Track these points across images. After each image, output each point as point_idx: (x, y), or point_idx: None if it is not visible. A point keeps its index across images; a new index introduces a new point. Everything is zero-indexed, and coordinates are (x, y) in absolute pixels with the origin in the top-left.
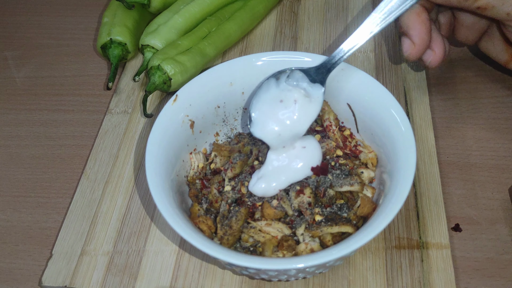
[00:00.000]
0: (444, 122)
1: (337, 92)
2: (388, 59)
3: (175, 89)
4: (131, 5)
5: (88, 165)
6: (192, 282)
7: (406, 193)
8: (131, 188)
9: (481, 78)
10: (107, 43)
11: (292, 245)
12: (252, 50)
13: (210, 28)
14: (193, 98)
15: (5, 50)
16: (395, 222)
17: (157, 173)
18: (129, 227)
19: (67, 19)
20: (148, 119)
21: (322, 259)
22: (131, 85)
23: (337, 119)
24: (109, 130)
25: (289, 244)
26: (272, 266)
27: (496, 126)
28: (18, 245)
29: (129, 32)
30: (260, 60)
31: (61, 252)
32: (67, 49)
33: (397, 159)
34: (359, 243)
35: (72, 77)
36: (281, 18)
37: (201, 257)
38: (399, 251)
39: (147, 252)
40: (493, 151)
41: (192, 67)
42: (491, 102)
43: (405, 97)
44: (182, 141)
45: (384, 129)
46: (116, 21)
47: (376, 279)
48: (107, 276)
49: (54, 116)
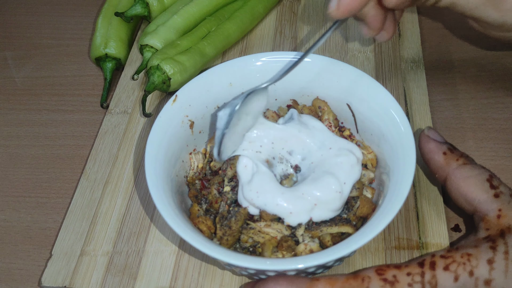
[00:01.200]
0: (444, 122)
1: (337, 92)
2: (388, 59)
3: (174, 89)
4: (129, 18)
5: (88, 165)
6: (191, 282)
7: (406, 193)
8: (131, 189)
9: (481, 78)
10: (102, 56)
11: (292, 245)
12: (252, 50)
13: (209, 28)
14: (193, 99)
15: (5, 50)
16: (394, 223)
17: (156, 173)
18: (128, 228)
19: (67, 19)
20: (148, 120)
21: (322, 260)
22: (131, 85)
23: (336, 119)
24: (108, 130)
25: (288, 245)
26: (271, 266)
27: (496, 126)
28: (17, 245)
29: (124, 46)
30: (260, 61)
31: (60, 253)
32: (67, 49)
33: (397, 160)
34: (358, 244)
35: (72, 77)
36: (281, 18)
37: (200, 257)
38: (398, 251)
39: (147, 253)
40: (493, 151)
41: (192, 67)
42: (491, 102)
43: (405, 97)
44: (182, 142)
45: (384, 129)
46: (111, 33)
47: None
48: (107, 277)
49: (54, 116)
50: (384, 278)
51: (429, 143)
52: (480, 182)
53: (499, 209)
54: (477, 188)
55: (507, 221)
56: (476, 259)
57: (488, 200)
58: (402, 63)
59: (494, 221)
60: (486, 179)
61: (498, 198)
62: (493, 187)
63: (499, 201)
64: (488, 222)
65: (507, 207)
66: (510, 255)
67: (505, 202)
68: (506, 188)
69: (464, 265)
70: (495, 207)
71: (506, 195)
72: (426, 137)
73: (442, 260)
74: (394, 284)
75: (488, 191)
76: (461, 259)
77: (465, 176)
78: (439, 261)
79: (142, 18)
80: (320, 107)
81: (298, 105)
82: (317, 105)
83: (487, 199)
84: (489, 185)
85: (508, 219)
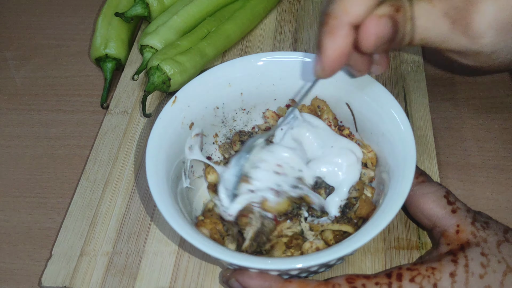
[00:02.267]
0: (444, 122)
1: (336, 91)
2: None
3: (174, 89)
4: (129, 19)
5: (88, 165)
6: (191, 282)
7: (406, 193)
8: (131, 189)
9: (481, 78)
10: (102, 56)
11: (300, 243)
12: (252, 50)
13: (209, 29)
14: (192, 99)
15: (5, 50)
16: (394, 223)
17: (157, 173)
18: (128, 228)
19: (67, 19)
20: (147, 120)
21: (322, 259)
22: (131, 86)
23: (335, 118)
24: (109, 131)
25: (297, 243)
26: (272, 266)
27: (496, 126)
28: (17, 245)
29: (124, 47)
30: (260, 61)
31: (60, 253)
32: (67, 49)
33: (397, 159)
34: (359, 243)
35: (72, 77)
36: (281, 18)
37: (200, 257)
38: (398, 251)
39: (147, 253)
40: (493, 151)
41: (192, 67)
42: (491, 102)
43: (405, 97)
44: (182, 142)
45: (384, 128)
46: (111, 34)
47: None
48: (107, 277)
49: (54, 116)
50: (354, 286)
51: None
52: (438, 199)
53: (457, 225)
54: (435, 204)
55: (466, 235)
56: (439, 272)
57: (446, 215)
58: (402, 63)
59: (453, 236)
60: (443, 195)
61: (455, 213)
62: (450, 203)
63: (457, 217)
64: (448, 237)
65: (464, 222)
66: (470, 267)
67: (462, 218)
68: (461, 204)
69: (428, 278)
70: (453, 223)
71: (463, 210)
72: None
73: (408, 272)
74: None
75: (445, 207)
76: (426, 272)
77: (423, 192)
78: (405, 273)
79: (142, 19)
80: (319, 106)
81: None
82: (316, 104)
83: (445, 215)
84: (446, 201)
85: (466, 234)
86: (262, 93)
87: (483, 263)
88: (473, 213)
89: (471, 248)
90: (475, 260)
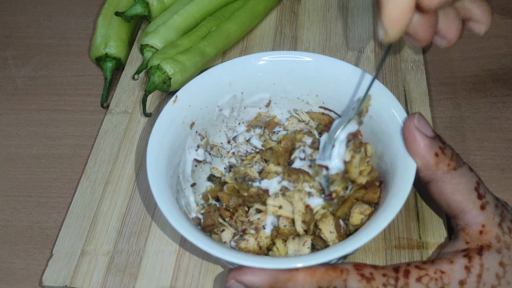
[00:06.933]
0: (444, 122)
1: (336, 91)
2: (388, 59)
3: (175, 88)
4: (129, 18)
5: (88, 165)
6: (192, 281)
7: (407, 193)
8: (131, 188)
9: (481, 78)
10: (102, 56)
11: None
12: (252, 50)
13: (209, 28)
14: (193, 99)
15: (5, 50)
16: (395, 222)
17: (158, 173)
18: (129, 227)
19: (67, 19)
20: (148, 120)
21: (323, 259)
22: (131, 85)
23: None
24: (109, 130)
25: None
26: (273, 265)
27: (496, 126)
28: (18, 245)
29: (124, 46)
30: (260, 60)
31: (61, 252)
32: (67, 49)
33: (398, 159)
34: (359, 242)
35: (72, 77)
36: (281, 18)
37: (201, 256)
38: (399, 251)
39: (147, 252)
40: (493, 151)
41: (192, 66)
42: (491, 102)
43: (405, 97)
44: (183, 142)
45: (384, 128)
46: (111, 33)
47: None
48: (108, 276)
49: (54, 116)
50: (362, 273)
51: (420, 141)
52: (467, 192)
53: (483, 225)
54: (464, 198)
55: (489, 238)
56: (448, 278)
57: (473, 211)
58: (402, 63)
59: (475, 235)
60: (474, 188)
61: (484, 210)
62: (480, 197)
63: (485, 215)
64: (469, 235)
65: (491, 222)
66: (483, 278)
67: (490, 217)
68: (491, 197)
69: (436, 281)
70: (479, 221)
71: (492, 205)
72: (415, 130)
73: (416, 271)
74: (370, 281)
75: (475, 201)
76: (434, 275)
77: (453, 183)
78: (413, 270)
79: (142, 18)
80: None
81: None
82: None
83: (472, 210)
84: (477, 195)
85: (489, 237)
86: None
87: (499, 274)
88: (501, 209)
89: (491, 254)
90: (490, 271)
